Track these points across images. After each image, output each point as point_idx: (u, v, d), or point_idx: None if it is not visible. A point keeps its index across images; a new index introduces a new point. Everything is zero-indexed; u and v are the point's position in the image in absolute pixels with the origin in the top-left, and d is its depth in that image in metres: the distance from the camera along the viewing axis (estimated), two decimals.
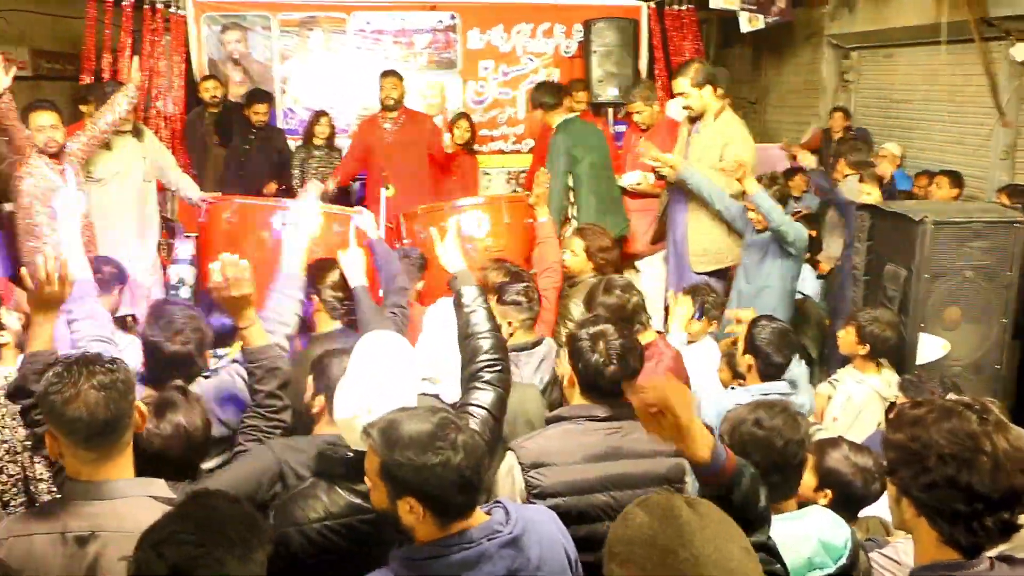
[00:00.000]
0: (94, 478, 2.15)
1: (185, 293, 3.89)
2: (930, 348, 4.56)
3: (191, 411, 2.62)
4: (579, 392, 2.65)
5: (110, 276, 4.45)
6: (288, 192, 7.69)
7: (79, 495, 2.15)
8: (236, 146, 7.74)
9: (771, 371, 3.74)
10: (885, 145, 7.55)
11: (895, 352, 4.44)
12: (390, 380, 2.39)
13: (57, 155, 5.38)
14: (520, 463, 2.54)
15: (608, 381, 2.58)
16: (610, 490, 2.54)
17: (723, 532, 1.64)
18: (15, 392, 2.60)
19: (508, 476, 2.57)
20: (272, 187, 7.58)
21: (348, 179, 7.48)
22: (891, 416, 2.47)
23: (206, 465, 2.86)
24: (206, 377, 3.21)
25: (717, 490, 2.00)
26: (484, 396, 2.65)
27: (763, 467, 2.35)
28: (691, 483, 2.58)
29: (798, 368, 3.94)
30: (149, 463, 2.38)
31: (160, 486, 2.26)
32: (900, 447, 1.94)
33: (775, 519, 2.38)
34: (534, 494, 2.51)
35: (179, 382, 2.82)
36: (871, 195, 5.62)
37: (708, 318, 4.61)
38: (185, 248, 4.06)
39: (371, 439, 2.02)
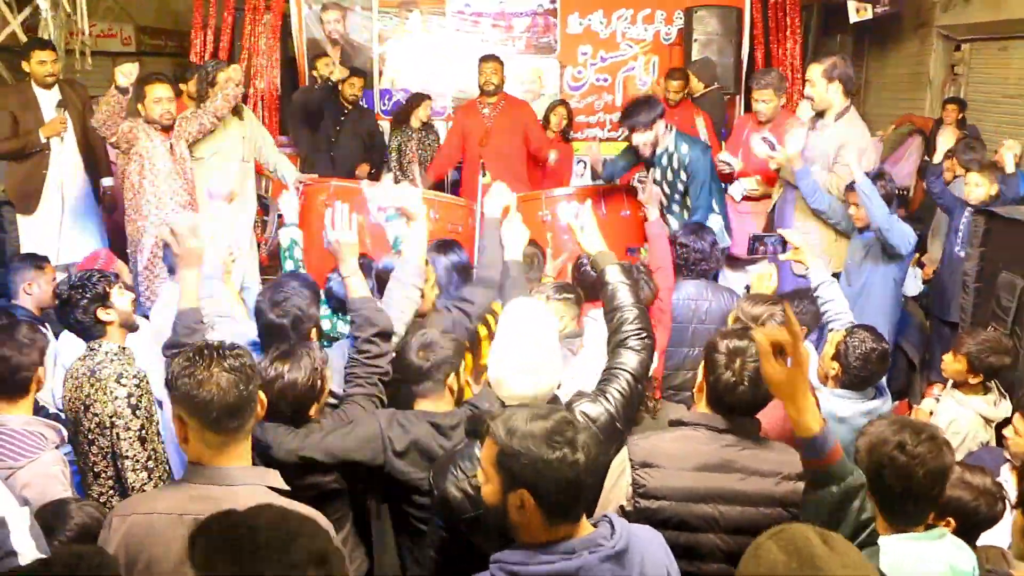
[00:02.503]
0: (215, 463, 2.19)
1: (299, 254, 3.94)
2: None
3: (297, 368, 2.81)
4: (704, 402, 2.59)
5: None
6: (379, 175, 7.74)
7: (201, 479, 2.19)
8: (328, 127, 7.78)
9: (853, 384, 3.65)
10: (1006, 141, 7.20)
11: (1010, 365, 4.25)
12: (547, 346, 2.66)
13: (167, 128, 5.47)
14: (631, 459, 2.51)
15: (736, 400, 2.50)
16: (717, 503, 2.47)
17: (859, 567, 1.58)
18: (170, 346, 3.02)
19: (619, 469, 2.55)
20: (364, 169, 7.61)
21: (443, 172, 7.42)
22: None
23: None
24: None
25: (818, 478, 2.04)
26: (630, 359, 2.84)
27: (898, 493, 2.27)
28: None
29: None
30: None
31: (275, 477, 2.30)
32: None
33: (902, 538, 2.31)
34: (639, 493, 2.48)
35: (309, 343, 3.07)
36: (981, 187, 5.30)
37: (803, 324, 4.46)
38: (292, 210, 4.10)
39: (491, 428, 2.04)
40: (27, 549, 2.08)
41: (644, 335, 2.91)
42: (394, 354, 3.14)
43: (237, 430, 2.20)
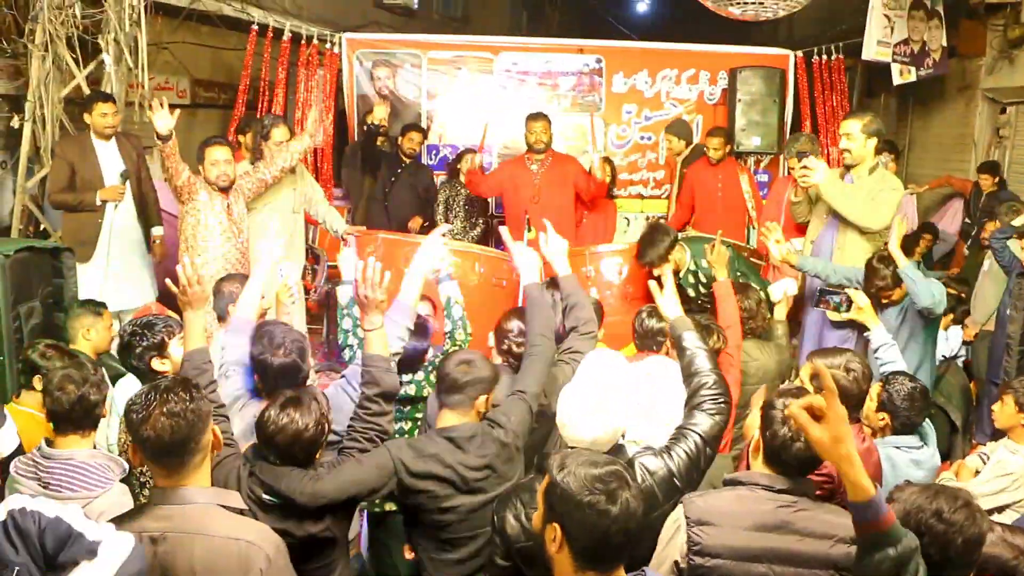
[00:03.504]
0: (171, 485, 2.37)
1: (357, 312, 4.03)
2: None
3: (307, 413, 2.87)
4: (761, 460, 2.61)
5: None
6: (432, 228, 7.84)
7: (157, 499, 2.36)
8: (384, 178, 7.93)
9: (906, 430, 3.73)
10: None
11: None
12: (612, 395, 2.79)
13: (226, 189, 5.62)
14: (687, 517, 2.52)
15: (793, 457, 2.52)
16: (772, 563, 2.47)
17: None
18: None
19: (674, 527, 2.56)
20: (417, 222, 7.73)
21: (476, 189, 7.47)
22: None
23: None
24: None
25: (873, 543, 2.04)
26: (703, 420, 2.93)
27: (936, 562, 2.28)
28: None
29: (927, 425, 3.87)
30: (266, 451, 2.88)
31: (235, 498, 2.47)
32: None
33: None
34: (694, 551, 2.49)
35: (311, 387, 3.17)
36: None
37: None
38: (350, 266, 4.19)
39: (550, 461, 2.14)
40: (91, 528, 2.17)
41: (721, 400, 2.99)
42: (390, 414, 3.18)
43: (179, 465, 2.35)
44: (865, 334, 4.31)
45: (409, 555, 3.27)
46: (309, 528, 2.89)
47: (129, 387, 3.94)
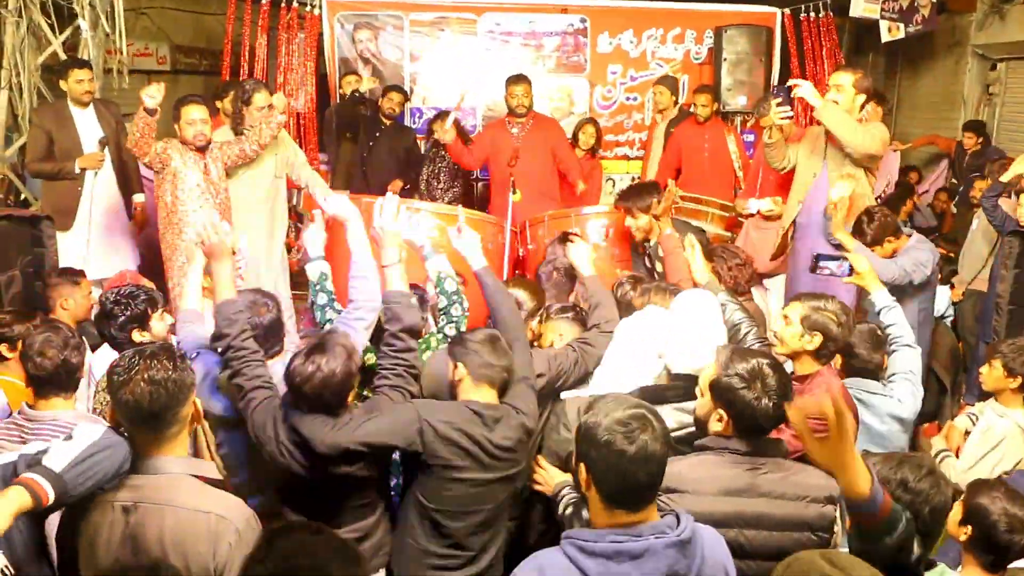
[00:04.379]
0: (146, 454, 2.34)
1: (330, 286, 3.97)
2: None
3: (333, 359, 2.85)
4: (729, 428, 2.59)
5: None
6: (414, 190, 7.79)
7: (134, 468, 2.33)
8: (363, 141, 7.86)
9: (864, 372, 3.76)
10: None
11: None
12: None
13: (202, 149, 5.54)
14: None
15: (763, 415, 2.52)
16: (743, 527, 2.48)
17: None
18: (215, 338, 3.15)
19: None
20: (397, 185, 7.64)
21: (460, 160, 7.32)
22: None
23: None
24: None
25: (872, 532, 2.04)
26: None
27: None
28: (840, 535, 2.52)
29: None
30: (296, 399, 2.88)
31: (209, 468, 2.47)
32: None
33: None
34: None
35: (336, 329, 3.18)
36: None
37: None
38: (317, 243, 4.12)
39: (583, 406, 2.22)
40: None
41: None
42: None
43: (157, 432, 2.34)
44: (870, 297, 4.22)
45: None
46: (343, 468, 2.91)
47: (105, 357, 3.89)
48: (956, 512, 2.77)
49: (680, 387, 3.16)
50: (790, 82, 5.32)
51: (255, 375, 3.04)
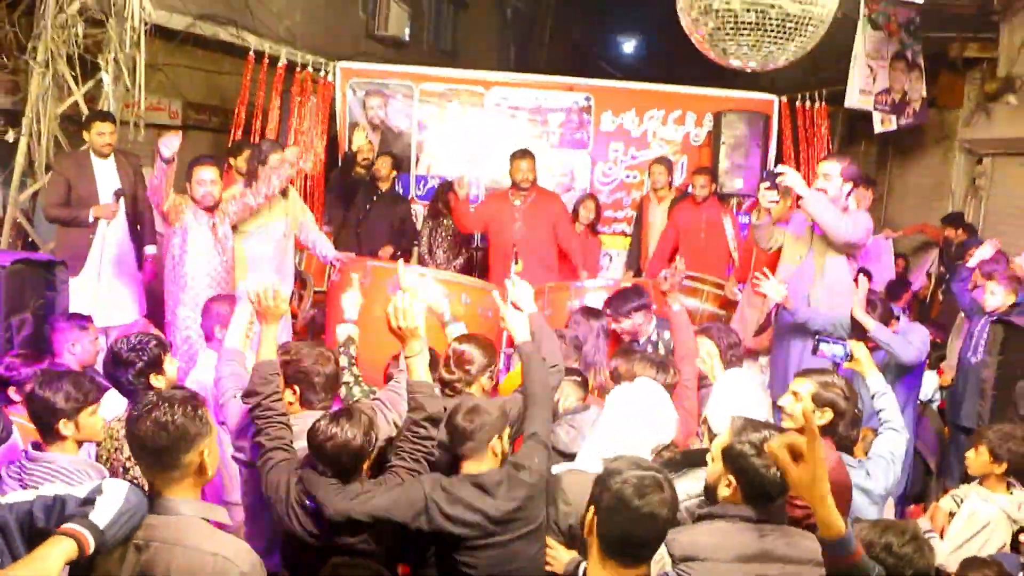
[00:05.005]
0: (162, 494, 2.42)
1: (353, 350, 4.08)
2: None
3: (356, 426, 2.97)
4: (737, 495, 2.68)
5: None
6: (405, 258, 7.92)
7: (151, 508, 2.41)
8: (360, 206, 8.03)
9: (843, 447, 3.81)
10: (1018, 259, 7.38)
11: None
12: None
13: (211, 208, 5.69)
14: (671, 554, 2.59)
15: (776, 487, 2.61)
16: None
17: None
18: (247, 394, 3.26)
19: (657, 565, 2.60)
20: (388, 251, 7.78)
21: (459, 220, 7.66)
22: None
23: None
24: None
25: (841, 573, 2.16)
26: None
27: None
28: None
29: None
30: (316, 459, 2.98)
31: (220, 513, 2.53)
32: None
33: None
34: None
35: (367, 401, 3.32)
36: (996, 296, 5.46)
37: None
38: (353, 306, 4.23)
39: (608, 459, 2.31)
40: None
41: None
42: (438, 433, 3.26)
43: (158, 473, 2.42)
44: (866, 381, 4.35)
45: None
46: (348, 538, 2.99)
47: (112, 402, 3.97)
48: None
49: None
50: (777, 168, 5.44)
51: (277, 435, 3.15)
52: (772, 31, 4.43)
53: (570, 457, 3.59)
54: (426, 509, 2.98)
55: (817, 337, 4.75)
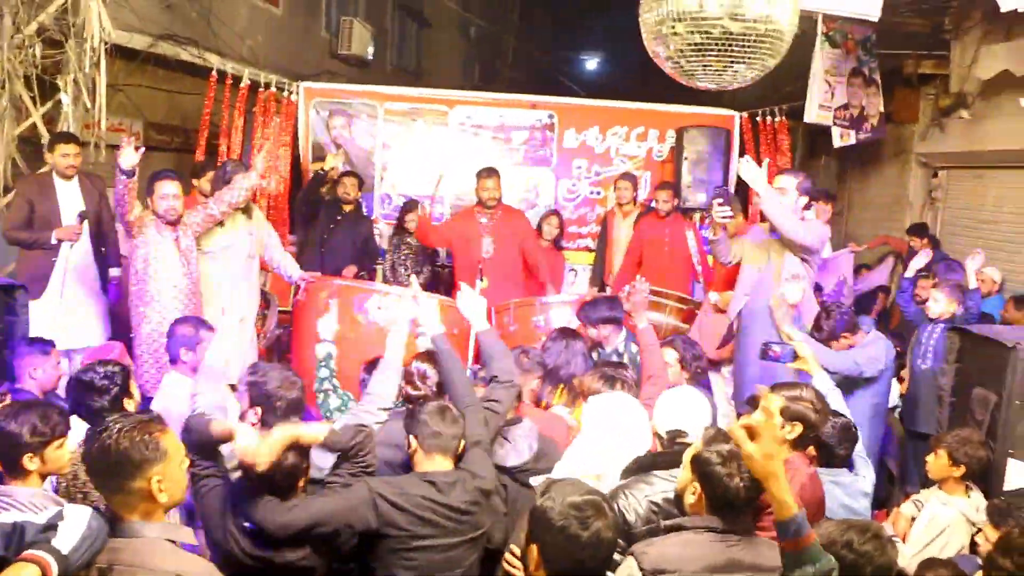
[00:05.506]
0: (119, 518, 2.41)
1: (334, 364, 4.09)
2: (1018, 475, 4.51)
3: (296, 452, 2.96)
4: (701, 503, 2.71)
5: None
6: (369, 278, 7.91)
7: (113, 532, 2.40)
8: (323, 225, 8.02)
9: (834, 463, 3.93)
10: (986, 270, 7.53)
11: (983, 476, 4.42)
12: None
13: (174, 223, 5.66)
14: (641, 568, 2.58)
15: (740, 499, 2.63)
16: None
17: None
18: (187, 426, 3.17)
19: None
20: (352, 270, 7.78)
21: (427, 241, 7.73)
22: (999, 541, 2.52)
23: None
24: None
25: (795, 559, 2.19)
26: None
27: None
28: None
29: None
30: (248, 480, 2.93)
31: (186, 534, 2.52)
32: (1005, 571, 1.99)
33: None
34: None
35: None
36: (939, 303, 5.69)
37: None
38: (329, 329, 4.25)
39: (538, 488, 2.31)
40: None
41: None
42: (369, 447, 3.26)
43: (109, 495, 2.43)
44: (811, 381, 4.47)
45: None
46: (288, 555, 2.97)
47: (73, 427, 3.93)
48: None
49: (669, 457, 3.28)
50: (742, 160, 5.52)
51: (209, 463, 3.11)
52: (736, 50, 4.48)
53: (505, 471, 3.57)
54: (374, 504, 2.99)
55: (764, 342, 4.85)
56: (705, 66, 4.59)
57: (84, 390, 3.80)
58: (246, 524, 2.95)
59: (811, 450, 3.89)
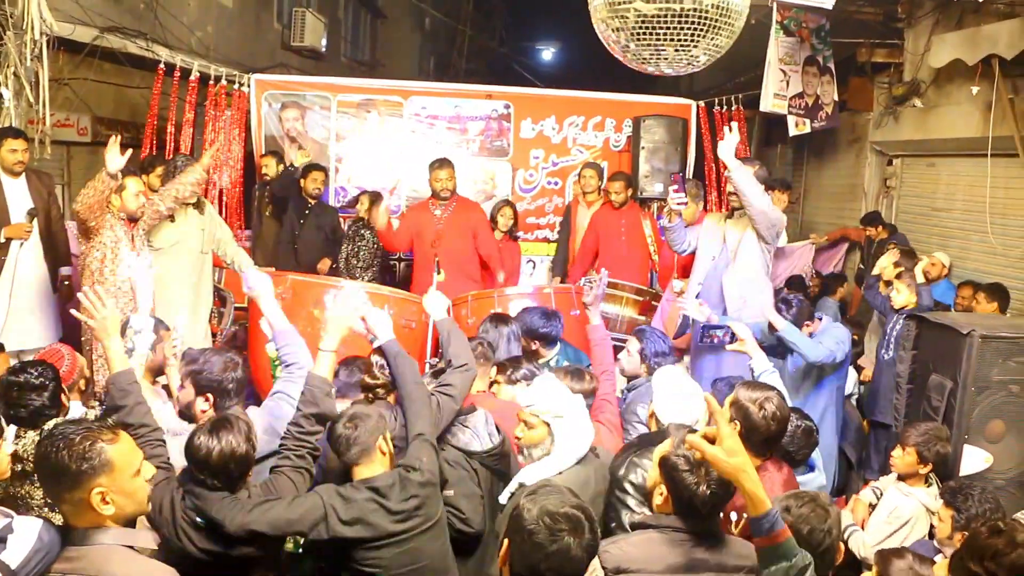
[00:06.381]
0: (72, 526, 2.36)
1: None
2: (973, 460, 4.53)
3: (237, 434, 2.92)
4: (668, 504, 2.69)
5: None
6: (338, 271, 7.85)
7: (67, 540, 2.35)
8: (292, 220, 7.92)
9: (793, 465, 3.88)
10: (935, 254, 7.61)
11: (939, 461, 4.44)
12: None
13: (132, 220, 5.56)
14: (603, 567, 2.56)
15: (702, 502, 2.60)
16: None
17: None
18: (106, 411, 3.20)
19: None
20: (326, 264, 7.74)
21: (388, 246, 7.59)
22: (966, 542, 2.51)
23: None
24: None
25: (770, 555, 2.21)
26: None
27: None
28: None
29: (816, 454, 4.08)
30: (200, 474, 2.89)
31: (145, 538, 2.48)
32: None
33: None
34: None
35: (237, 407, 3.30)
36: (902, 294, 5.72)
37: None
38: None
39: (529, 487, 2.28)
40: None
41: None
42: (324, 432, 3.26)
43: (61, 504, 2.38)
44: (750, 363, 4.54)
45: None
46: (241, 549, 2.93)
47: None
48: None
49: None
50: (725, 129, 5.51)
51: (154, 455, 3.02)
52: (686, 32, 4.44)
53: (474, 455, 3.58)
54: (325, 517, 2.98)
55: (702, 325, 4.86)
56: (657, 50, 4.54)
57: (20, 390, 3.67)
58: (198, 520, 2.90)
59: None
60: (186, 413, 3.54)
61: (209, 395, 3.46)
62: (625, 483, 3.16)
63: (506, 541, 2.19)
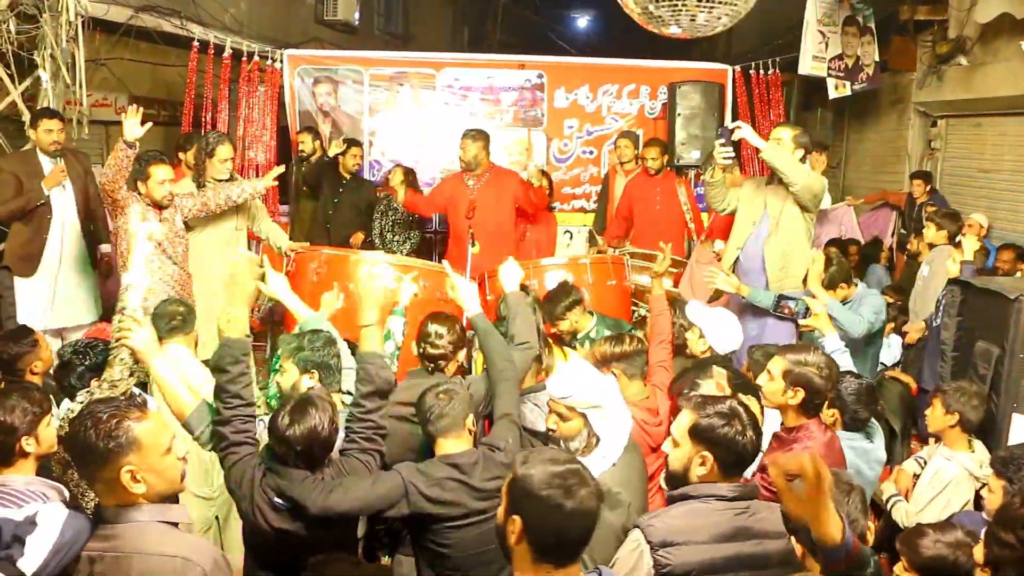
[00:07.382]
0: (108, 504, 2.38)
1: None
2: (1022, 429, 4.45)
3: (321, 413, 2.93)
4: (713, 471, 2.64)
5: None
6: (372, 244, 7.86)
7: (100, 518, 2.38)
8: (327, 197, 7.92)
9: (855, 426, 3.91)
10: (972, 215, 7.45)
11: (987, 431, 4.35)
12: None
13: (162, 207, 5.58)
14: (648, 541, 2.54)
15: (755, 451, 2.63)
16: (738, 570, 2.53)
17: None
18: (214, 369, 3.12)
19: (635, 553, 2.57)
20: (359, 237, 7.75)
21: (416, 209, 7.62)
22: (999, 512, 2.44)
23: None
24: None
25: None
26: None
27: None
28: None
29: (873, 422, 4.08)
30: (283, 453, 2.90)
31: (178, 512, 2.47)
32: (1009, 546, 1.92)
33: None
34: (663, 573, 2.52)
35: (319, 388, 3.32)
36: (956, 262, 5.50)
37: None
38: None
39: (514, 459, 2.23)
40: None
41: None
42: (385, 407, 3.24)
43: (92, 484, 2.42)
44: (820, 340, 4.45)
45: None
46: (318, 532, 2.95)
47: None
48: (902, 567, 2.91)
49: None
50: (730, 124, 5.44)
51: (243, 429, 3.05)
52: None
53: (539, 435, 3.58)
54: (406, 494, 2.98)
55: (778, 295, 4.77)
56: (675, 10, 4.45)
57: (61, 367, 3.74)
58: (276, 500, 2.92)
59: (835, 413, 3.89)
60: None
61: (313, 371, 3.55)
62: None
63: (516, 518, 2.12)
